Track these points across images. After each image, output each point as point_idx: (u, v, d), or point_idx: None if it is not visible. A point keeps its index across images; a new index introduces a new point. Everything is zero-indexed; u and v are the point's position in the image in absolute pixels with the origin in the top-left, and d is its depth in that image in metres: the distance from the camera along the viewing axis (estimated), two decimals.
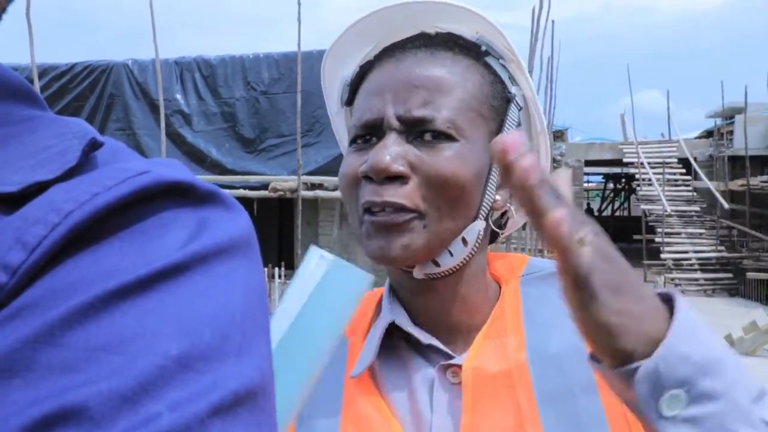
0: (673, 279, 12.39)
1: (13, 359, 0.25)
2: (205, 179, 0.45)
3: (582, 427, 0.60)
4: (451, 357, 0.66)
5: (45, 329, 0.25)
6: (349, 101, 0.71)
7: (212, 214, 0.31)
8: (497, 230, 0.71)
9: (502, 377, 0.63)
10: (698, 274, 12.50)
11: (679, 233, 13.38)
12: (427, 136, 0.64)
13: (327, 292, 0.52)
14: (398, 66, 0.66)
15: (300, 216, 8.65)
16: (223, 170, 9.60)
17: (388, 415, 0.63)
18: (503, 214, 0.72)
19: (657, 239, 13.30)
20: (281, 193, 9.04)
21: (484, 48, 0.69)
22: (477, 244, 0.67)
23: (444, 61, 0.66)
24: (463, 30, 0.70)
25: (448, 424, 0.63)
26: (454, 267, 0.66)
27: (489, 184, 0.66)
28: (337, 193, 9.78)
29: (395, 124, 0.64)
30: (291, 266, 9.17)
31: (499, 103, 0.68)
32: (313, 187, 9.22)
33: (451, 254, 0.65)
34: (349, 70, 0.72)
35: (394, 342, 0.68)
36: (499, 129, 0.68)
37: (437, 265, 0.66)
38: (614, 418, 0.61)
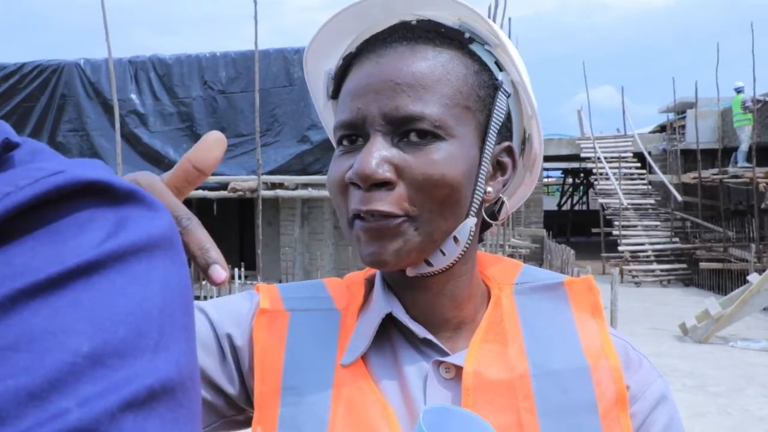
0: (630, 271, 12.67)
1: None
2: None
3: None
4: (445, 353, 0.66)
5: None
6: (335, 94, 0.69)
7: (132, 213, 0.31)
8: (490, 221, 0.70)
9: (504, 386, 0.63)
10: (654, 266, 12.81)
11: (636, 226, 13.68)
12: (413, 137, 0.62)
13: None
14: (379, 63, 0.64)
15: (260, 216, 8.57)
16: None
17: (380, 398, 0.63)
18: (497, 201, 0.71)
19: (615, 232, 13.58)
20: (241, 193, 8.95)
21: (467, 35, 0.66)
22: (469, 241, 0.66)
23: (425, 54, 0.64)
24: (444, 16, 0.67)
25: None
26: (447, 266, 0.66)
27: (479, 179, 0.65)
28: (298, 192, 9.74)
29: (379, 124, 0.62)
30: (252, 267, 9.08)
31: (486, 92, 0.66)
32: (273, 186, 9.15)
33: (444, 253, 0.65)
34: (332, 63, 0.71)
35: (386, 332, 0.68)
36: (487, 120, 0.65)
37: (430, 264, 0.65)
38: None
